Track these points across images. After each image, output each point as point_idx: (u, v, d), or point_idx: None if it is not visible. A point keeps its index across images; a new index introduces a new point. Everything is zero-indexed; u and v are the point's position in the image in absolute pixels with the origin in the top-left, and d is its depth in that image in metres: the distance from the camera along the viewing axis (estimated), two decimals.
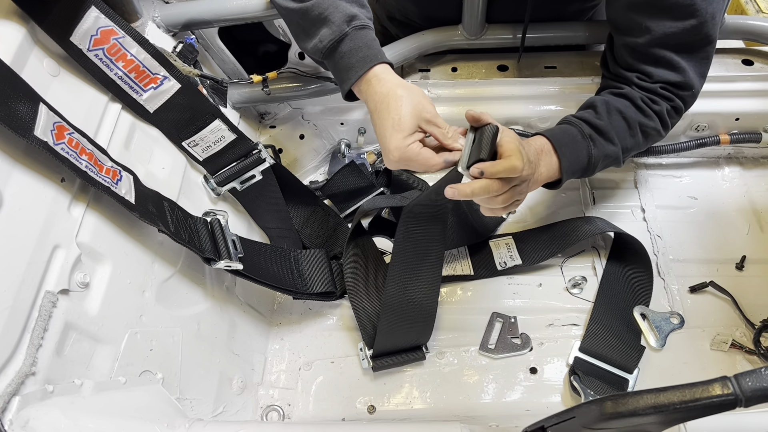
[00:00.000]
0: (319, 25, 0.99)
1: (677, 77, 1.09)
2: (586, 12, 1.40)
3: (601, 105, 1.10)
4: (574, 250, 1.34)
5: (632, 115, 1.09)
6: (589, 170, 1.10)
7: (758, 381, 0.51)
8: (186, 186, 1.12)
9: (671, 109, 1.12)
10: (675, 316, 1.22)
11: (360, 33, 0.99)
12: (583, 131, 1.07)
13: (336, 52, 0.99)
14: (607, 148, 1.08)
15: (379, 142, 0.97)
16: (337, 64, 1.00)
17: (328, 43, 0.98)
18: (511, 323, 1.24)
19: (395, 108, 0.94)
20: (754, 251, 1.32)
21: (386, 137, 0.94)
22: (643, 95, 1.10)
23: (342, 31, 0.98)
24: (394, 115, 0.94)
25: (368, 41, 0.99)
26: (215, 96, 1.28)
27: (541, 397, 1.17)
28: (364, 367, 1.19)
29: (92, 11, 0.92)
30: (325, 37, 0.98)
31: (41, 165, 0.79)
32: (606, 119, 1.08)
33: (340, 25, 0.98)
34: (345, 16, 0.98)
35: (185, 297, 1.04)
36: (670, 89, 1.10)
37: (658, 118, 1.11)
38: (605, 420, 0.57)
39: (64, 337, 0.77)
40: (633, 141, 1.11)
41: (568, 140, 1.06)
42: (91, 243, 0.84)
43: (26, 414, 0.67)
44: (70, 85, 0.92)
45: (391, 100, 0.95)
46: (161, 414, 0.83)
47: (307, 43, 1.03)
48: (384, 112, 0.95)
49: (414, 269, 1.18)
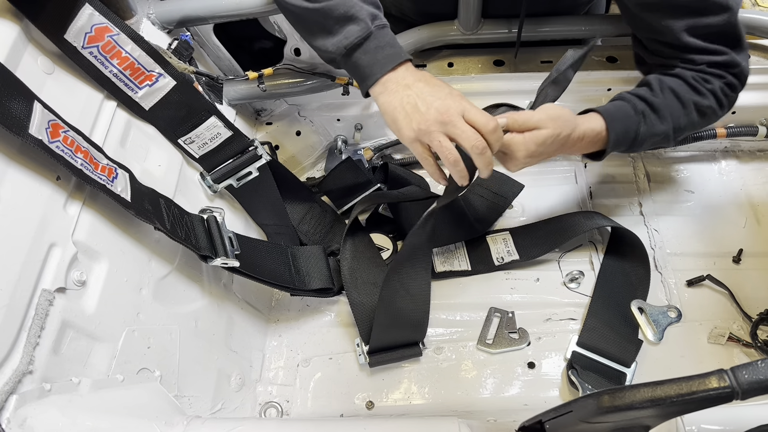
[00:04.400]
0: (343, 22, 0.99)
1: (720, 58, 1.08)
2: (583, 6, 1.40)
3: (655, 82, 1.09)
4: (572, 244, 1.34)
5: (685, 94, 1.08)
6: (635, 146, 1.10)
7: (755, 374, 0.51)
8: (182, 183, 1.11)
9: (725, 87, 1.10)
10: (672, 309, 1.22)
11: (383, 31, 1.01)
12: (636, 107, 1.07)
13: (360, 49, 1.00)
14: (657, 127, 1.08)
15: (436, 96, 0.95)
16: (359, 60, 1.00)
17: (355, 39, 0.99)
18: (509, 318, 1.24)
19: (443, 82, 0.98)
20: (751, 244, 1.32)
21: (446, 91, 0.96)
22: (694, 74, 1.09)
23: (369, 28, 0.99)
24: (446, 85, 0.97)
25: (391, 39, 1.01)
26: (211, 93, 1.28)
27: (539, 391, 1.17)
28: (360, 362, 1.19)
29: (86, 8, 0.91)
30: (352, 34, 0.99)
31: (36, 163, 0.79)
32: (661, 97, 1.08)
33: (367, 23, 0.98)
34: (369, 15, 0.99)
35: (182, 294, 1.04)
36: (718, 68, 1.09)
37: (713, 97, 1.10)
38: (602, 414, 0.57)
39: (61, 335, 0.77)
40: (687, 120, 1.10)
41: (619, 115, 1.06)
42: (88, 241, 0.84)
43: (24, 412, 0.67)
44: (64, 82, 0.92)
45: (435, 79, 0.99)
46: (159, 411, 0.83)
47: (327, 40, 1.02)
48: (435, 82, 0.97)
49: (414, 266, 1.18)
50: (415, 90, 0.96)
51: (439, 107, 0.93)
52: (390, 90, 0.98)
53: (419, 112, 0.94)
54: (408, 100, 0.96)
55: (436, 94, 0.95)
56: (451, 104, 0.93)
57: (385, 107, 0.99)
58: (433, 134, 0.94)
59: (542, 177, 1.45)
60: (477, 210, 1.38)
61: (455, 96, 0.95)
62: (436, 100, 0.94)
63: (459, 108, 0.93)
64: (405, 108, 0.96)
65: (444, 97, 0.94)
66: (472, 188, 1.42)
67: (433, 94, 0.95)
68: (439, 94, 0.95)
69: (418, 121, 0.94)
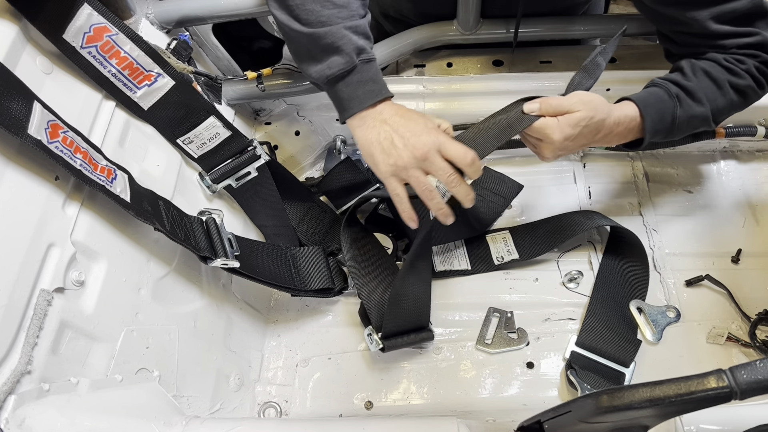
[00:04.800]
0: (329, 52, 0.99)
1: (752, 39, 1.07)
2: (581, 6, 1.40)
3: (687, 66, 1.09)
4: (571, 244, 1.34)
5: (719, 75, 1.07)
6: (674, 131, 1.09)
7: (753, 374, 0.51)
8: (181, 183, 1.11)
9: (761, 65, 1.09)
10: (671, 309, 1.22)
11: (366, 66, 1.01)
12: (669, 91, 1.06)
13: (342, 81, 1.00)
14: (695, 109, 1.07)
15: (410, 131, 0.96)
16: (340, 92, 1.01)
17: (338, 71, 0.99)
18: (508, 318, 1.24)
19: (420, 115, 0.98)
20: (750, 244, 1.32)
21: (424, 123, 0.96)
22: (726, 56, 1.08)
23: (353, 62, 0.99)
24: (423, 118, 0.97)
25: (374, 75, 1.01)
26: (210, 93, 1.28)
27: (538, 391, 1.17)
28: (372, 350, 1.16)
29: (85, 8, 0.91)
30: (335, 65, 0.99)
31: (35, 163, 0.79)
32: (694, 80, 1.07)
33: (351, 57, 0.99)
34: (356, 48, 0.99)
35: (181, 294, 1.04)
36: (750, 48, 1.09)
37: (750, 77, 1.09)
38: (601, 414, 0.57)
39: (60, 335, 0.77)
40: (725, 100, 1.09)
41: (653, 100, 1.06)
42: (86, 241, 0.84)
43: (22, 413, 0.67)
44: (63, 82, 0.92)
45: (413, 112, 0.99)
46: (158, 412, 0.83)
47: (311, 66, 1.03)
48: (412, 116, 0.98)
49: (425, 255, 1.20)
50: (392, 125, 0.97)
51: (415, 143, 0.94)
52: (367, 125, 0.99)
53: (396, 148, 0.95)
54: (385, 136, 0.97)
55: (413, 130, 0.95)
56: (426, 140, 0.94)
57: (362, 142, 1.00)
58: (410, 170, 0.95)
59: (541, 177, 1.45)
60: (476, 210, 1.38)
61: (431, 131, 0.95)
62: (412, 136, 0.94)
63: (435, 143, 0.94)
64: (382, 143, 0.97)
65: (420, 132, 0.95)
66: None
67: (410, 129, 0.96)
68: (415, 130, 0.95)
69: (395, 157, 0.95)
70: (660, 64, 1.36)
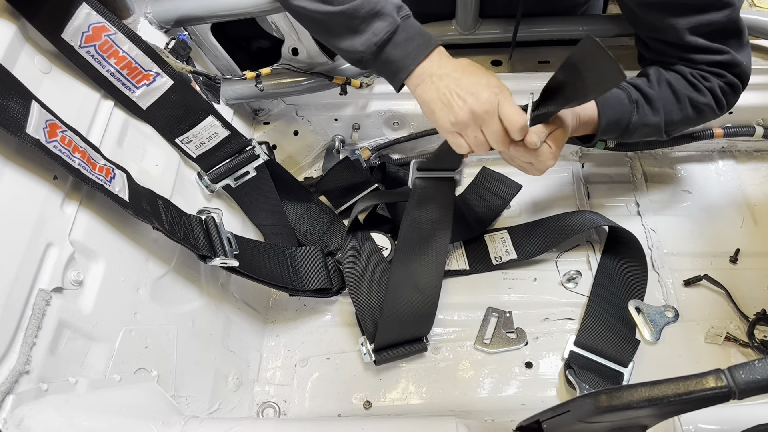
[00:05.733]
0: (369, 20, 0.98)
1: (721, 57, 1.08)
2: (580, 7, 1.40)
3: (653, 73, 1.10)
4: (569, 244, 1.34)
5: (681, 89, 1.09)
6: (626, 134, 1.11)
7: (752, 373, 0.51)
8: (180, 183, 1.11)
9: (725, 86, 1.10)
10: (669, 309, 1.22)
11: (409, 21, 1.00)
12: (630, 95, 1.08)
13: (390, 44, 0.99)
14: (650, 118, 1.09)
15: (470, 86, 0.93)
16: (390, 55, 0.99)
17: (384, 35, 0.98)
18: (507, 318, 1.24)
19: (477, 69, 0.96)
20: (748, 244, 1.33)
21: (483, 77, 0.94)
22: (693, 71, 1.10)
23: (396, 22, 0.98)
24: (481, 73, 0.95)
25: (419, 28, 1.00)
26: (208, 92, 1.27)
27: (537, 391, 1.17)
28: (366, 361, 1.18)
29: (83, 8, 0.91)
30: (380, 30, 0.98)
31: (33, 163, 0.79)
32: (656, 88, 1.09)
33: (394, 16, 0.98)
34: (395, 7, 0.98)
35: (180, 294, 1.04)
36: (718, 67, 1.09)
37: (711, 95, 1.10)
38: (600, 413, 0.57)
39: (58, 335, 0.76)
40: (681, 115, 1.11)
41: (613, 101, 1.07)
42: (85, 241, 0.84)
43: (20, 412, 0.67)
44: (61, 82, 0.92)
45: (471, 66, 0.97)
46: (156, 411, 0.82)
47: (354, 40, 1.01)
48: (470, 70, 0.95)
49: (420, 256, 1.19)
50: (452, 80, 0.95)
51: (473, 104, 0.92)
52: (426, 82, 0.97)
53: (455, 106, 0.94)
54: (444, 92, 0.95)
55: (471, 88, 0.93)
56: (485, 99, 0.92)
57: (422, 99, 0.98)
58: (469, 128, 0.94)
59: (540, 177, 1.45)
60: (475, 210, 1.38)
61: (490, 88, 0.93)
62: (469, 96, 0.92)
63: (493, 103, 0.92)
64: (441, 100, 0.95)
65: (479, 90, 0.92)
66: (470, 188, 1.43)
67: (468, 87, 0.93)
68: (473, 88, 0.93)
69: (455, 115, 0.94)
70: None
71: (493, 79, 0.94)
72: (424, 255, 1.19)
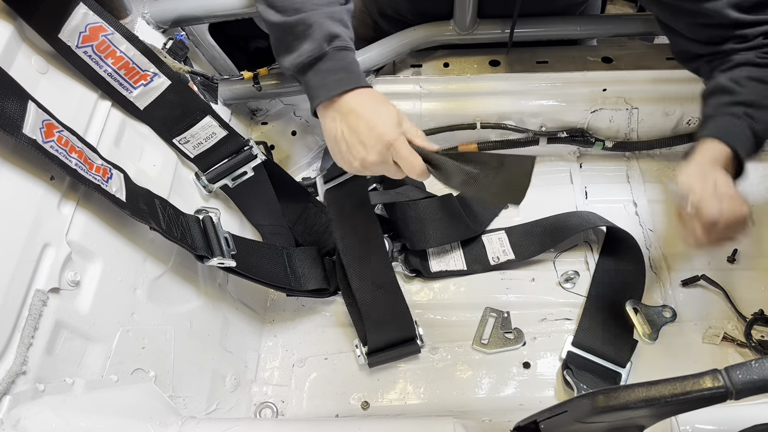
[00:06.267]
0: (300, 40, 0.97)
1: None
2: (577, 7, 1.40)
3: (726, 83, 1.02)
4: (567, 244, 1.34)
5: (762, 74, 1.01)
6: (761, 144, 1.02)
7: (748, 374, 0.51)
8: (177, 183, 1.11)
9: None
10: (667, 309, 1.22)
11: (339, 54, 0.97)
12: (735, 114, 0.99)
13: (312, 69, 0.97)
14: (766, 115, 1.01)
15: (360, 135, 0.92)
16: (309, 80, 0.98)
17: (306, 58, 0.96)
18: (504, 318, 1.24)
19: (386, 105, 0.94)
20: (746, 245, 1.32)
21: (378, 124, 0.90)
22: (756, 53, 1.03)
23: (322, 49, 0.96)
24: (388, 109, 0.93)
25: (347, 64, 0.97)
26: (206, 93, 1.27)
27: (535, 391, 1.17)
28: (360, 363, 1.19)
29: (81, 8, 0.91)
30: (305, 53, 0.96)
31: (30, 163, 0.78)
32: (744, 91, 1.00)
33: (321, 44, 0.96)
34: (326, 35, 0.96)
35: (177, 294, 1.04)
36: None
37: None
38: (597, 414, 0.57)
39: (55, 335, 0.76)
40: None
41: (725, 127, 1.00)
42: (82, 241, 0.84)
43: (17, 413, 0.67)
44: (59, 82, 0.92)
45: (380, 100, 0.95)
46: (154, 412, 0.82)
47: (285, 57, 1.00)
48: (371, 111, 0.92)
49: (363, 260, 1.20)
50: (349, 122, 0.93)
51: (365, 153, 0.91)
52: (329, 118, 0.96)
53: (348, 153, 0.93)
54: (341, 135, 0.94)
55: (365, 133, 0.91)
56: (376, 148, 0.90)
57: (325, 135, 0.98)
58: (368, 171, 0.95)
59: (538, 177, 1.42)
60: (472, 210, 1.38)
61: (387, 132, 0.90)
62: (361, 143, 0.91)
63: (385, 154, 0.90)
64: (339, 144, 0.95)
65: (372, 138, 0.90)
66: None
67: (363, 132, 0.91)
68: (367, 134, 0.91)
69: (348, 162, 0.94)
70: (656, 64, 1.36)
71: (389, 123, 0.91)
72: (365, 254, 1.20)
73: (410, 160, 0.89)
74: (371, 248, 1.22)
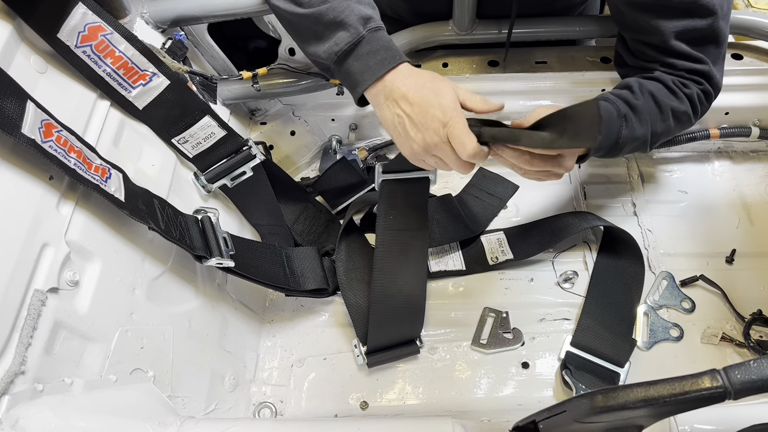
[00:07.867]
0: (333, 28, 0.96)
1: (701, 66, 1.07)
2: (576, 7, 1.40)
3: (636, 85, 1.07)
4: (566, 244, 1.34)
5: (664, 99, 1.06)
6: (616, 151, 1.06)
7: (747, 373, 0.51)
8: (176, 183, 1.11)
9: (701, 94, 1.09)
10: (676, 329, 1.21)
11: (376, 35, 0.96)
12: (619, 109, 1.03)
13: (351, 55, 0.96)
14: (638, 131, 1.05)
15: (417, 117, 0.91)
16: (350, 67, 0.97)
17: (345, 45, 0.95)
18: (503, 318, 1.24)
19: (437, 81, 0.92)
20: (744, 245, 1.33)
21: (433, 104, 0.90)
22: (674, 78, 1.08)
23: (359, 33, 0.95)
24: (439, 85, 0.91)
25: (385, 43, 0.97)
26: (205, 92, 1.27)
27: (533, 391, 1.17)
28: (359, 363, 1.19)
29: (80, 7, 0.91)
30: (342, 40, 0.95)
31: (29, 163, 0.78)
32: (642, 99, 1.05)
33: (357, 28, 0.95)
34: (360, 19, 0.95)
35: (176, 294, 1.04)
36: (697, 75, 1.08)
37: (689, 102, 1.08)
38: (596, 414, 0.57)
39: (54, 335, 0.76)
40: (663, 126, 1.08)
41: (605, 116, 1.02)
42: (81, 241, 0.84)
43: (16, 413, 0.66)
44: (57, 82, 0.92)
45: (438, 80, 0.93)
46: (152, 412, 0.82)
47: (318, 47, 0.99)
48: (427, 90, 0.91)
49: (399, 259, 1.18)
50: (404, 107, 0.92)
51: (423, 137, 0.91)
52: (381, 105, 0.95)
53: (409, 138, 0.93)
54: (399, 120, 0.93)
55: (421, 118, 0.90)
56: (434, 131, 0.89)
57: (382, 121, 0.97)
58: (426, 157, 0.94)
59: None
60: (472, 210, 1.38)
61: (438, 117, 0.89)
62: (420, 128, 0.91)
63: (441, 134, 0.89)
64: (397, 129, 0.94)
65: (428, 121, 0.90)
66: (466, 189, 1.43)
67: (418, 117, 0.91)
68: (423, 118, 0.90)
69: (410, 147, 0.93)
70: None
71: (445, 101, 0.90)
72: (402, 258, 1.19)
73: (461, 139, 0.87)
74: (411, 253, 1.19)
